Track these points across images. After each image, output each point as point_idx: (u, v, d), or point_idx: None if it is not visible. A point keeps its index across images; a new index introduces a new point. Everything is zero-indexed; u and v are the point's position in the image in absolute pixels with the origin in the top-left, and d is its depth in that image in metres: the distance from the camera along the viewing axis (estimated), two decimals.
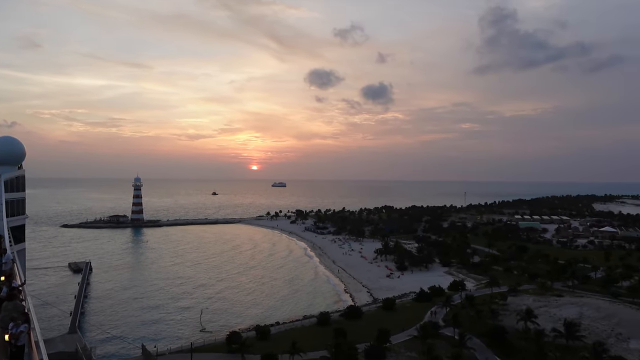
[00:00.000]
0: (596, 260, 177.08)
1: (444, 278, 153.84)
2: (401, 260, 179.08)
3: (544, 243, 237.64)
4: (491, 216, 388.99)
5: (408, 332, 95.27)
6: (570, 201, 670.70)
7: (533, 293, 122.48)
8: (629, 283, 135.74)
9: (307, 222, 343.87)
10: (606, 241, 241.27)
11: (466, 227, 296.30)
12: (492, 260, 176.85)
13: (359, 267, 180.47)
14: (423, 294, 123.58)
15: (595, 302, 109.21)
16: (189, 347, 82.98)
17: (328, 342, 79.88)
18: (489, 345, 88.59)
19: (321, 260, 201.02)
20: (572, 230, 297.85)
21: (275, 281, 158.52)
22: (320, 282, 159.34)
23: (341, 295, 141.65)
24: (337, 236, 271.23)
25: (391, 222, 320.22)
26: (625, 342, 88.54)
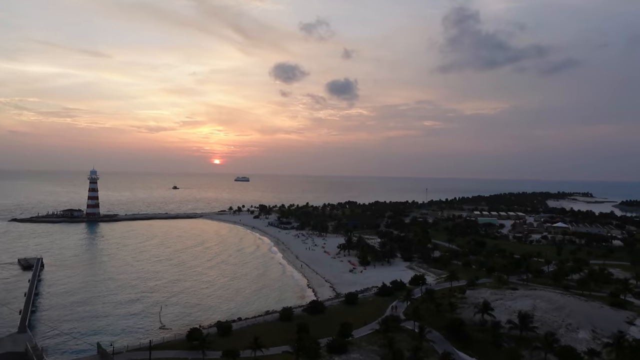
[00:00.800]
0: (549, 254, 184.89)
1: (405, 272, 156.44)
2: (364, 255, 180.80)
3: (501, 238, 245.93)
4: (451, 212, 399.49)
5: (370, 326, 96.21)
6: (526, 198, 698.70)
7: (490, 286, 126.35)
8: (578, 276, 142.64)
9: (270, 217, 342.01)
10: (558, 236, 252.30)
11: (427, 223, 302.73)
12: (451, 255, 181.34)
13: (322, 262, 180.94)
14: (385, 289, 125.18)
15: (548, 295, 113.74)
16: (147, 344, 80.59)
17: (290, 337, 79.49)
18: (448, 338, 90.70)
19: (284, 255, 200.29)
20: (527, 226, 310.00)
21: (237, 277, 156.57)
22: (283, 278, 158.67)
23: (304, 290, 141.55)
24: (300, 231, 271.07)
25: (354, 218, 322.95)
26: (574, 332, 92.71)
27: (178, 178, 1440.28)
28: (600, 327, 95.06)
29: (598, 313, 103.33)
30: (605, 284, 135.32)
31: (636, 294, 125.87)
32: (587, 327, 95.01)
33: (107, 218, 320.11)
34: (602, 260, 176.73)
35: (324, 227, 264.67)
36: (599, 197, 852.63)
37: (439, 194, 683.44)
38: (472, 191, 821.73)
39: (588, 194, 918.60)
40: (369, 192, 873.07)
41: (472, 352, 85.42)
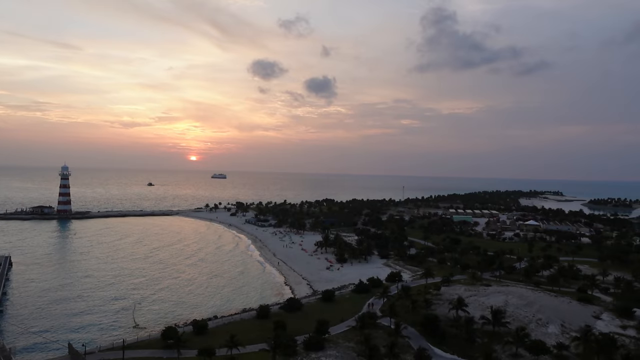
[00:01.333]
0: (521, 251, 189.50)
1: (382, 270, 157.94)
2: (341, 252, 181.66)
3: (475, 236, 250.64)
4: (427, 210, 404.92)
5: (347, 322, 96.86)
6: (500, 196, 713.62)
7: (464, 283, 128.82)
8: (548, 272, 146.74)
9: (247, 215, 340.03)
10: (530, 234, 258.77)
11: (404, 221, 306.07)
12: (427, 252, 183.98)
13: (300, 259, 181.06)
14: (362, 286, 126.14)
15: (519, 291, 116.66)
16: (120, 344, 79.19)
17: (267, 334, 79.39)
18: (423, 334, 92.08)
19: (262, 253, 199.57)
20: (500, 224, 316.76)
21: (214, 275, 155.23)
22: (260, 275, 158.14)
23: (281, 287, 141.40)
24: (278, 229, 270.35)
25: (332, 215, 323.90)
26: (544, 327, 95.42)
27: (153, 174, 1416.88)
28: (569, 321, 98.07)
29: (567, 308, 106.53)
30: (574, 279, 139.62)
31: (603, 290, 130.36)
32: (556, 321, 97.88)
33: (79, 215, 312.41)
34: (571, 257, 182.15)
35: (301, 224, 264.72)
36: (568, 195, 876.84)
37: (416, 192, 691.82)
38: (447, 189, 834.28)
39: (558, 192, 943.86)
40: (347, 189, 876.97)
41: (447, 348, 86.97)
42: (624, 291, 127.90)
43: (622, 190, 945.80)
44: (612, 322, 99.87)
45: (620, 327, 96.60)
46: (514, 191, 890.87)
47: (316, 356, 78.11)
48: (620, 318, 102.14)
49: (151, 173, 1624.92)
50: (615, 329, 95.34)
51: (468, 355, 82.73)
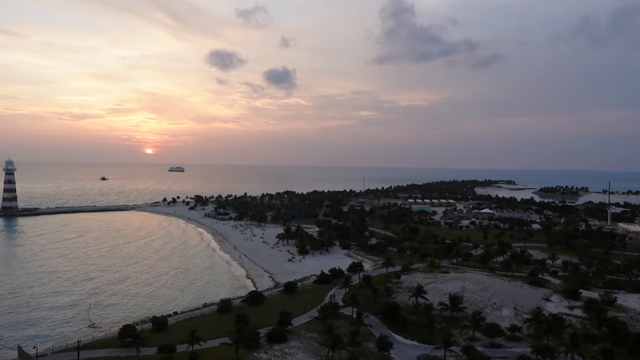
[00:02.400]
0: (476, 239, 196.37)
1: (343, 260, 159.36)
2: (303, 244, 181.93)
3: (433, 224, 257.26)
4: (387, 200, 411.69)
5: (309, 314, 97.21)
6: (456, 186, 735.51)
7: (423, 271, 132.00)
8: (502, 258, 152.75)
9: (207, 208, 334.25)
10: (485, 222, 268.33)
11: (364, 211, 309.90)
12: (387, 241, 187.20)
13: (261, 252, 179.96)
14: (324, 276, 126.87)
15: (475, 277, 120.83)
16: (75, 344, 76.09)
17: (229, 328, 78.43)
18: (384, 321, 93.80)
19: (222, 246, 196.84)
20: (457, 213, 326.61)
21: (173, 270, 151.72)
22: (221, 269, 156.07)
23: (243, 281, 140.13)
24: (238, 222, 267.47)
25: (293, 207, 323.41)
26: (498, 310, 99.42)
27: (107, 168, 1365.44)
28: (521, 304, 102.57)
29: (519, 292, 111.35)
30: (526, 264, 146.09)
31: (552, 273, 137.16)
32: (510, 305, 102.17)
33: (27, 212, 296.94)
34: (523, 243, 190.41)
35: (262, 217, 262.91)
36: (520, 184, 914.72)
37: (376, 183, 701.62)
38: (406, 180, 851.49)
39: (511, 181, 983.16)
40: (308, 181, 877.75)
41: (407, 334, 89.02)
42: (571, 274, 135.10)
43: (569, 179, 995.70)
44: (560, 304, 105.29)
45: (568, 308, 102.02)
46: (470, 181, 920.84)
47: (279, 348, 77.99)
48: (568, 299, 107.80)
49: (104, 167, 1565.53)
50: (563, 309, 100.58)
51: (427, 341, 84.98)
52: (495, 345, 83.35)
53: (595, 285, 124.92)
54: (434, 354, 79.11)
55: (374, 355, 77.86)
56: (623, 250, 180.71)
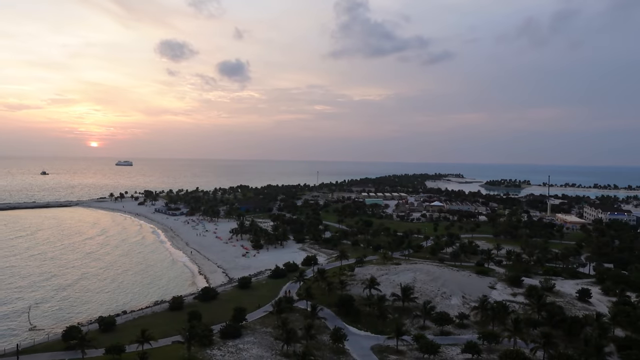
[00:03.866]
0: (427, 231, 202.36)
1: (298, 254, 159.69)
2: (257, 239, 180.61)
3: (386, 217, 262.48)
4: (341, 194, 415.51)
5: (264, 308, 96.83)
6: (408, 179, 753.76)
7: (376, 263, 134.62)
8: (451, 249, 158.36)
9: (157, 204, 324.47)
10: (435, 214, 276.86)
11: (319, 205, 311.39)
12: (341, 235, 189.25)
13: (214, 247, 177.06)
14: (278, 271, 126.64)
15: (426, 267, 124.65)
16: (14, 349, 71.79)
17: (181, 326, 76.72)
18: (338, 314, 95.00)
19: (173, 242, 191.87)
20: (408, 205, 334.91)
21: (122, 269, 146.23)
22: (173, 266, 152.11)
23: (195, 277, 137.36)
24: (190, 217, 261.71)
25: (247, 202, 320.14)
26: (448, 299, 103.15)
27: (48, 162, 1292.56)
28: (469, 293, 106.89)
29: (467, 281, 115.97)
30: (473, 254, 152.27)
31: (497, 262, 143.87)
32: (458, 294, 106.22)
33: None
34: (470, 234, 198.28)
35: (215, 212, 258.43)
36: (468, 178, 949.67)
37: (330, 177, 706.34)
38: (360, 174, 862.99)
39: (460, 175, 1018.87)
40: (262, 175, 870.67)
41: (361, 325, 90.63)
42: (514, 263, 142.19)
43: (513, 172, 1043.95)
44: (504, 291, 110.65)
45: (511, 295, 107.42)
46: (421, 174, 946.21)
47: (233, 344, 77.15)
48: (512, 287, 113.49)
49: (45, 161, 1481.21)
50: (507, 297, 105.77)
51: (380, 331, 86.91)
52: (445, 333, 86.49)
53: (535, 273, 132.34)
54: (386, 344, 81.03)
55: (328, 347, 78.68)
56: (561, 239, 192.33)
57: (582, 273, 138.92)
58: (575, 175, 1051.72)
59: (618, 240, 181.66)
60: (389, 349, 79.45)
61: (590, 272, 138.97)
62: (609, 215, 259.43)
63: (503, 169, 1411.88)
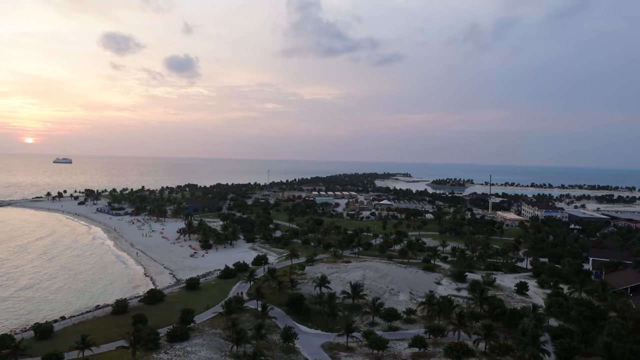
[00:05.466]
0: (376, 229, 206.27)
1: (248, 254, 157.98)
2: (206, 238, 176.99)
3: (336, 216, 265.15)
4: (292, 193, 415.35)
5: (213, 309, 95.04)
6: (358, 178, 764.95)
7: (327, 261, 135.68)
8: (399, 246, 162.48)
9: (99, 203, 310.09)
10: (384, 212, 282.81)
11: (269, 204, 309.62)
12: (292, 234, 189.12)
13: (161, 248, 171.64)
14: (228, 271, 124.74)
15: (375, 265, 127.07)
16: None
17: (126, 330, 73.77)
18: (289, 313, 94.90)
19: (117, 243, 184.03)
20: (358, 204, 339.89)
21: (60, 272, 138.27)
22: (116, 268, 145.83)
23: (141, 279, 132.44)
24: (135, 217, 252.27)
25: (195, 201, 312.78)
26: (396, 296, 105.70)
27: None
28: (416, 289, 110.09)
29: (414, 277, 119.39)
30: (420, 251, 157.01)
31: (442, 259, 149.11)
32: (406, 290, 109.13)
33: None
34: (418, 232, 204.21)
35: (162, 211, 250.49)
36: (416, 177, 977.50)
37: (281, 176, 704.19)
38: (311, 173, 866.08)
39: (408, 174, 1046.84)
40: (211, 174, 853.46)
41: (312, 324, 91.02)
42: (458, 259, 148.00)
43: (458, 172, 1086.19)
44: (449, 286, 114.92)
45: (456, 290, 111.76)
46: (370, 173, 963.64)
47: (181, 347, 75.10)
48: (456, 282, 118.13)
49: None
50: (452, 291, 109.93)
51: (330, 329, 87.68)
52: (393, 328, 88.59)
53: (478, 268, 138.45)
54: (336, 341, 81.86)
55: (279, 346, 78.41)
56: (501, 236, 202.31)
57: (520, 267, 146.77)
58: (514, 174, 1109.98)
59: (552, 236, 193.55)
60: (339, 346, 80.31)
61: (527, 267, 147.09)
62: (544, 212, 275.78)
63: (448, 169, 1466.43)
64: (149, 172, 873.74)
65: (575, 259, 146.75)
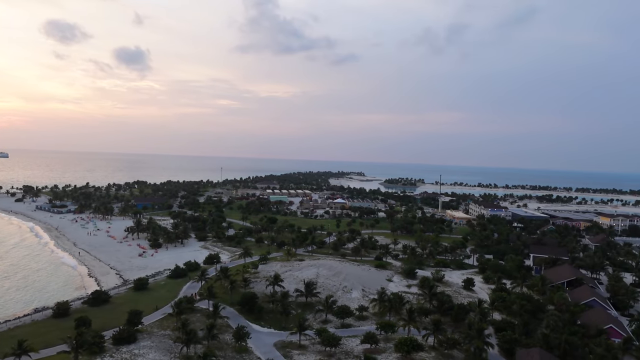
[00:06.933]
0: (330, 227, 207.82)
1: (199, 252, 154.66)
2: (155, 237, 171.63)
3: (290, 214, 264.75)
4: (246, 191, 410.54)
5: (163, 310, 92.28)
6: (312, 177, 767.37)
7: (281, 260, 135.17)
8: (353, 244, 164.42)
9: (39, 200, 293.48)
10: (338, 211, 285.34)
11: (222, 202, 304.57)
12: (245, 232, 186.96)
13: (107, 247, 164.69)
14: (178, 270, 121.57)
15: (329, 263, 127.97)
16: None
17: (68, 334, 70.17)
18: (242, 312, 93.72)
19: (58, 242, 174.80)
20: (312, 202, 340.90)
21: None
22: (58, 268, 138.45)
23: (84, 280, 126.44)
24: (79, 215, 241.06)
25: (144, 198, 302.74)
26: (349, 293, 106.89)
27: None
28: (368, 286, 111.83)
29: (367, 275, 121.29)
30: (373, 249, 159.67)
31: (394, 256, 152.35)
32: (359, 287, 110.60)
33: None
34: (370, 230, 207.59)
35: (108, 209, 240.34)
36: (369, 176, 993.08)
37: (234, 173, 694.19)
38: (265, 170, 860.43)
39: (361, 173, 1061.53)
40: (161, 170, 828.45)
41: (265, 322, 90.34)
42: (409, 256, 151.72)
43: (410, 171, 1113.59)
44: (400, 283, 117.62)
45: (407, 286, 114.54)
46: (325, 172, 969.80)
47: (127, 350, 72.34)
48: (407, 279, 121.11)
49: None
50: (403, 288, 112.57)
51: (283, 327, 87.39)
52: (346, 325, 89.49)
53: (428, 265, 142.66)
54: (289, 340, 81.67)
55: (230, 346, 77.23)
56: (450, 233, 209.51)
57: (467, 264, 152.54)
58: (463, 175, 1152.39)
59: (497, 234, 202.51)
60: (291, 345, 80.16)
61: (474, 263, 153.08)
62: (489, 211, 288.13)
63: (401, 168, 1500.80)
64: (95, 168, 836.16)
65: (518, 255, 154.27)
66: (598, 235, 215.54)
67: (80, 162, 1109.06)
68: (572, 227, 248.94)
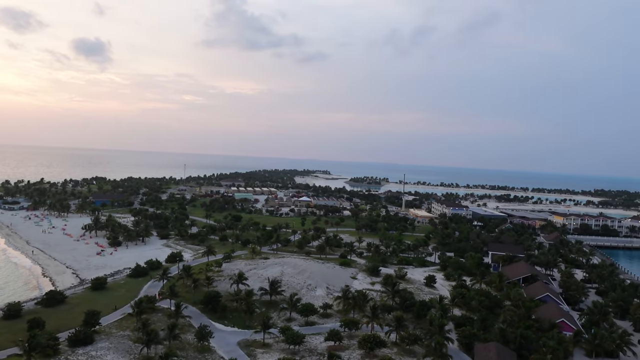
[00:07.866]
0: (295, 225, 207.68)
1: (161, 251, 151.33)
2: (115, 235, 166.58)
3: (255, 212, 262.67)
4: (210, 188, 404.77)
5: (122, 310, 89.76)
6: (278, 175, 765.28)
7: (245, 258, 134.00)
8: (318, 242, 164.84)
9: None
10: (303, 209, 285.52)
11: (185, 199, 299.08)
12: (209, 230, 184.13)
13: (62, 246, 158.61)
14: (139, 269, 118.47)
15: (293, 261, 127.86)
16: None
17: (20, 336, 67.14)
18: (204, 311, 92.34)
19: (9, 240, 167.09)
20: (278, 200, 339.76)
21: None
22: (8, 268, 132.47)
23: (38, 280, 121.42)
24: (33, 212, 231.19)
25: (103, 195, 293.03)
26: (313, 291, 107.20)
27: None
28: (333, 284, 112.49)
29: (331, 272, 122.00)
30: (337, 247, 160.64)
31: (358, 254, 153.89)
32: (323, 285, 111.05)
33: None
34: (335, 228, 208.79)
35: (64, 206, 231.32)
36: (335, 174, 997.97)
37: (198, 170, 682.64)
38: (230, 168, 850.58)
39: (327, 171, 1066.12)
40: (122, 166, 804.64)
41: (228, 321, 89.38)
42: (373, 254, 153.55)
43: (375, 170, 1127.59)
44: (364, 281, 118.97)
45: (370, 284, 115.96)
46: (291, 170, 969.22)
47: (84, 352, 69.99)
48: (371, 276, 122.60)
49: None
50: (367, 285, 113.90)
51: (247, 326, 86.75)
52: (310, 323, 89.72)
53: (391, 263, 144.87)
54: (253, 338, 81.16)
55: (192, 346, 76.00)
56: (413, 232, 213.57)
57: (429, 261, 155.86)
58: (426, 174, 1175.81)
59: (458, 232, 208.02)
60: (255, 343, 79.67)
61: (436, 261, 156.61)
62: (451, 210, 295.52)
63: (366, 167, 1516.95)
64: (51, 164, 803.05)
65: (477, 253, 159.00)
66: (552, 233, 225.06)
67: (35, 157, 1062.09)
68: (528, 225, 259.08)
